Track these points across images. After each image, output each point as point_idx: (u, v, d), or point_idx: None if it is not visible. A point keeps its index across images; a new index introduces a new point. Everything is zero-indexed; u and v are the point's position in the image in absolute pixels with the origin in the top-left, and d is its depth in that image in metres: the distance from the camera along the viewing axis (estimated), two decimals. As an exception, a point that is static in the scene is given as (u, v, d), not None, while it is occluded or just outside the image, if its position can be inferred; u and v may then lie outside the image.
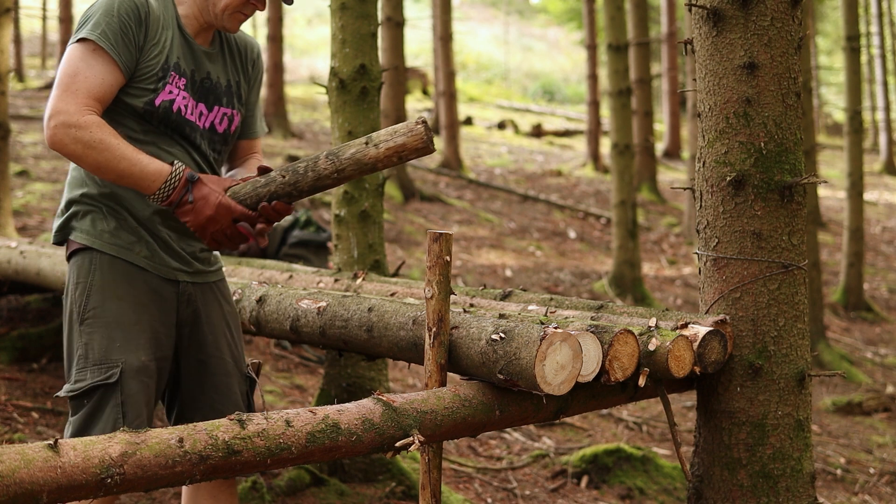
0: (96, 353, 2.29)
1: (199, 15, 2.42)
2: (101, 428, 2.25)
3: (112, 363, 2.28)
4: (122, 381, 2.27)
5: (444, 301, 2.26)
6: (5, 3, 6.03)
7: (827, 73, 24.65)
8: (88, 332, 2.31)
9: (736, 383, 2.56)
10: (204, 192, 2.28)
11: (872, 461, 5.25)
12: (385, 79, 8.36)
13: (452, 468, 4.27)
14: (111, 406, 2.26)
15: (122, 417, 2.26)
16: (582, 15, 18.50)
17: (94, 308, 2.32)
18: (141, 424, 2.28)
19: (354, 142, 2.30)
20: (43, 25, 20.17)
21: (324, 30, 29.17)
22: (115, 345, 2.29)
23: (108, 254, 2.34)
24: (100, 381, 2.27)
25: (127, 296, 2.33)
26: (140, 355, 2.30)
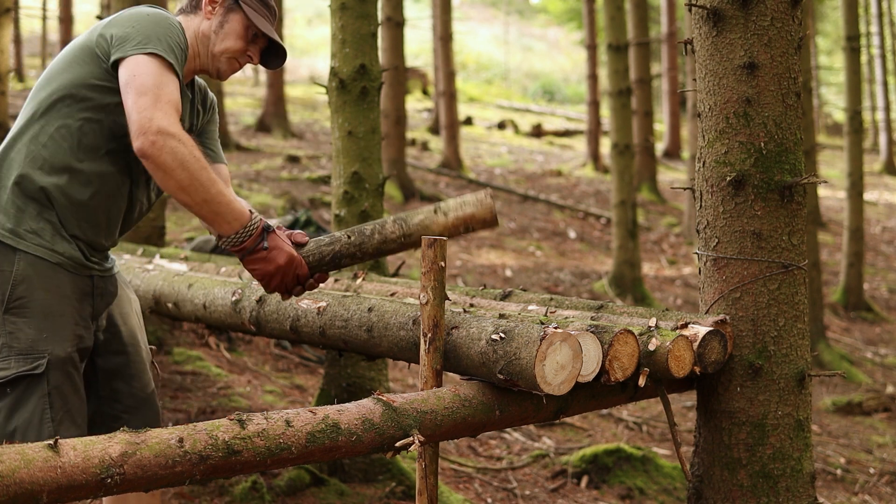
0: (22, 343, 2.27)
1: (192, 57, 2.46)
2: (27, 418, 2.25)
3: (38, 354, 2.27)
4: (48, 372, 2.27)
5: (440, 307, 2.27)
6: (5, 3, 6.03)
7: (827, 73, 24.65)
8: (13, 322, 2.28)
9: (736, 383, 2.56)
10: (279, 244, 2.32)
11: (872, 461, 5.25)
12: (385, 79, 8.36)
13: (452, 468, 4.27)
14: (37, 396, 2.26)
15: (48, 408, 2.26)
16: (582, 15, 18.51)
17: (20, 298, 2.29)
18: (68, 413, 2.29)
19: (422, 209, 2.34)
20: (43, 25, 20.17)
21: (324, 30, 29.17)
22: (43, 336, 2.28)
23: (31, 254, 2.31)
24: (25, 371, 2.26)
25: (52, 287, 2.32)
26: (66, 346, 2.31)
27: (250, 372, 5.20)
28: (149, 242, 4.59)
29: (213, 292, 3.11)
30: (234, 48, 2.45)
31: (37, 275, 2.30)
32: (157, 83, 2.21)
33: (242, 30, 2.46)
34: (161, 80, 2.22)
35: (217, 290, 3.10)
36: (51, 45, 20.28)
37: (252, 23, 2.45)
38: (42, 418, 2.26)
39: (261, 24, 2.46)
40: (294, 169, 11.55)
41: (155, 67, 2.23)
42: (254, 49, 2.50)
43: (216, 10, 2.46)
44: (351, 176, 3.75)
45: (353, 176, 3.75)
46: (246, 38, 2.47)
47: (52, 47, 19.85)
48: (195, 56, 2.46)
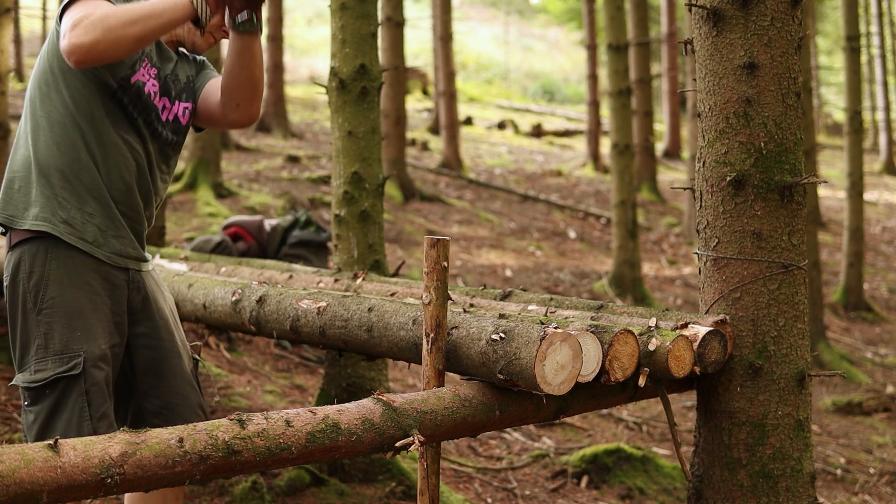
0: (57, 344, 2.28)
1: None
2: (67, 418, 2.26)
3: (74, 353, 2.28)
4: (85, 371, 2.27)
5: (442, 307, 2.27)
6: (5, 3, 6.02)
7: (827, 73, 24.65)
8: (47, 322, 2.29)
9: (736, 383, 2.56)
10: None
11: (872, 461, 5.25)
12: (385, 79, 8.36)
13: (452, 468, 4.27)
14: (75, 396, 2.27)
15: (87, 406, 2.27)
16: (582, 15, 18.51)
17: (52, 298, 2.30)
18: (107, 411, 2.30)
19: None
20: (43, 25, 20.16)
21: (324, 30, 29.17)
22: (76, 334, 2.29)
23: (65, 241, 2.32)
24: (62, 372, 2.27)
25: (83, 285, 2.32)
26: (100, 343, 2.31)
27: (250, 372, 5.20)
28: (149, 242, 4.58)
29: (213, 292, 3.11)
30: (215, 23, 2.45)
31: (67, 272, 2.31)
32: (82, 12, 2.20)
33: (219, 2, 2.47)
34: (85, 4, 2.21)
35: (217, 290, 3.10)
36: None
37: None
38: (81, 417, 2.26)
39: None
40: (294, 169, 11.55)
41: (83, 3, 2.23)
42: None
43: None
44: (351, 176, 3.75)
45: (353, 176, 3.75)
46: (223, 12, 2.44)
47: (52, 47, 19.81)
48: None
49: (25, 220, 2.33)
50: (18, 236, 2.34)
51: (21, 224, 2.33)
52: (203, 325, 5.07)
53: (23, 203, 2.35)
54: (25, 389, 2.31)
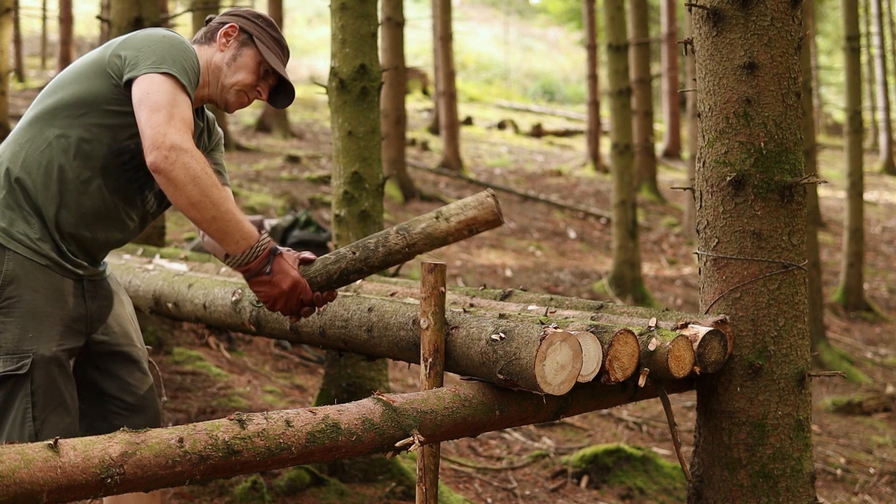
0: (9, 343, 2.30)
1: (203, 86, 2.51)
2: (13, 417, 2.29)
3: (23, 353, 2.30)
4: (32, 372, 2.29)
5: (440, 332, 2.27)
6: (5, 3, 6.03)
7: (827, 73, 24.65)
8: (1, 322, 2.31)
9: (736, 383, 2.56)
10: (284, 268, 2.34)
11: (872, 461, 5.25)
12: (385, 79, 8.36)
13: (452, 468, 4.27)
14: (21, 395, 2.29)
15: (31, 407, 2.29)
16: (582, 15, 18.51)
17: (8, 298, 2.32)
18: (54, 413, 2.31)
19: (424, 216, 2.33)
20: (43, 25, 20.18)
21: (324, 30, 29.17)
22: (28, 335, 2.31)
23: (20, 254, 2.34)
24: (10, 370, 2.29)
25: (41, 288, 2.34)
26: (52, 346, 2.33)
27: (250, 372, 5.20)
28: (149, 242, 4.59)
29: (213, 292, 3.11)
30: (244, 82, 2.50)
31: (25, 275, 2.32)
32: (170, 101, 2.23)
33: (254, 65, 2.50)
34: (175, 98, 2.25)
35: (217, 290, 3.10)
36: (51, 45, 20.29)
37: (264, 59, 2.50)
38: (24, 418, 2.29)
39: (273, 61, 2.51)
40: (294, 169, 11.55)
41: (169, 86, 2.26)
42: (263, 85, 2.54)
43: (230, 43, 2.51)
44: (351, 176, 3.75)
45: (353, 176, 3.75)
46: (257, 73, 2.51)
47: (52, 47, 19.85)
48: (205, 85, 2.51)
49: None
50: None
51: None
52: (203, 325, 5.08)
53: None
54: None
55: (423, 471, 2.31)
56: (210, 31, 2.55)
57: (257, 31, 2.52)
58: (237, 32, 2.51)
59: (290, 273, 2.34)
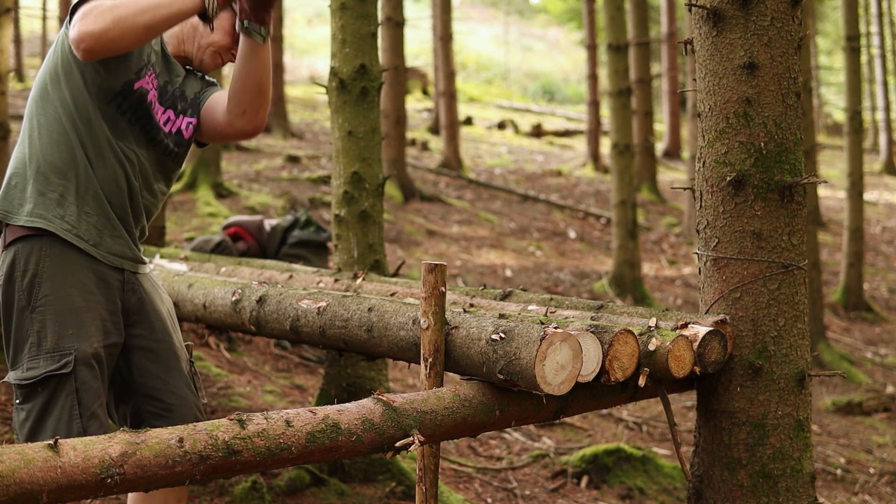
0: (49, 342, 2.29)
1: (180, 43, 2.54)
2: (58, 416, 2.26)
3: (65, 351, 2.28)
4: (75, 370, 2.28)
5: (440, 332, 2.27)
6: (5, 3, 6.02)
7: (827, 73, 24.65)
8: (40, 320, 2.30)
9: (736, 383, 2.56)
10: None
11: (872, 461, 5.25)
12: (385, 79, 8.36)
13: (452, 468, 4.27)
14: (65, 394, 2.27)
15: (77, 405, 2.27)
16: (582, 15, 18.51)
17: (45, 296, 2.30)
18: (97, 411, 2.30)
19: None
20: (43, 25, 20.16)
21: (324, 30, 29.16)
22: (68, 332, 2.29)
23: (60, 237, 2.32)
24: (54, 370, 2.27)
25: (77, 283, 2.33)
26: (92, 342, 2.31)
27: (250, 372, 5.20)
28: (149, 242, 4.59)
29: (213, 292, 3.11)
30: (220, 43, 2.50)
31: (61, 270, 2.31)
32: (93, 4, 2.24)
33: (230, 27, 2.49)
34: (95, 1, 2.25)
35: (217, 290, 3.10)
36: (50, 45, 20.28)
37: None
38: (71, 416, 2.26)
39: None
40: (294, 169, 11.55)
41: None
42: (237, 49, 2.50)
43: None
44: (351, 176, 3.75)
45: (353, 176, 3.75)
46: (233, 35, 2.50)
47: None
48: (182, 41, 2.53)
49: (20, 216, 2.33)
50: (13, 234, 2.34)
51: (16, 220, 2.33)
52: (203, 325, 5.08)
53: (18, 200, 2.35)
54: (18, 387, 2.30)
55: (423, 471, 2.31)
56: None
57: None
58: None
59: None
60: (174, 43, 2.55)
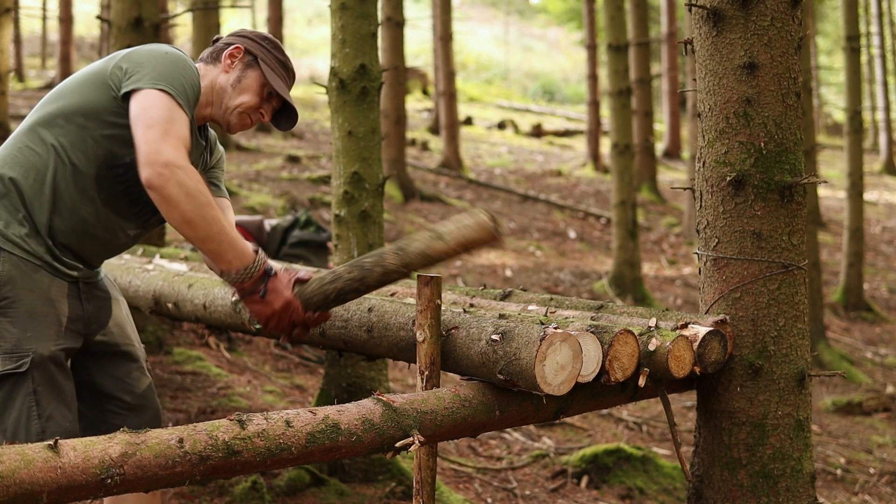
0: (8, 343, 2.32)
1: (206, 105, 2.50)
2: (16, 417, 2.30)
3: (23, 352, 2.31)
4: (32, 371, 2.31)
5: (436, 344, 2.27)
6: (5, 3, 6.02)
7: (827, 73, 24.65)
8: (0, 322, 2.33)
9: (736, 383, 2.56)
10: (278, 288, 2.35)
11: (872, 461, 5.25)
12: (385, 79, 8.35)
13: (452, 468, 4.27)
14: (23, 395, 2.31)
15: (35, 405, 2.30)
16: (582, 15, 18.51)
17: (6, 298, 2.33)
18: (53, 412, 2.32)
19: (421, 236, 2.29)
20: (43, 25, 20.18)
21: (324, 30, 29.16)
22: (27, 335, 2.33)
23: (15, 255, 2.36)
24: (10, 369, 2.30)
25: (37, 289, 2.36)
26: (49, 345, 2.34)
27: (250, 372, 5.20)
28: (149, 242, 4.59)
29: (213, 292, 3.11)
30: (248, 104, 2.48)
31: (20, 276, 2.34)
32: (166, 117, 2.24)
33: (258, 87, 2.50)
34: (171, 115, 2.25)
35: (217, 290, 3.10)
36: (51, 45, 20.29)
37: (268, 82, 2.49)
38: (29, 416, 2.30)
39: (276, 84, 2.50)
40: (294, 169, 11.55)
41: (166, 103, 2.27)
42: (267, 107, 2.54)
43: (235, 64, 2.50)
44: (351, 176, 3.75)
45: (353, 176, 3.75)
46: (261, 95, 2.51)
47: (51, 47, 19.85)
48: (208, 104, 2.50)
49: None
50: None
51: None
52: (203, 325, 5.07)
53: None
54: None
55: (421, 483, 2.30)
56: (216, 52, 2.54)
57: (262, 53, 2.52)
58: (242, 54, 2.51)
59: (283, 294, 2.34)
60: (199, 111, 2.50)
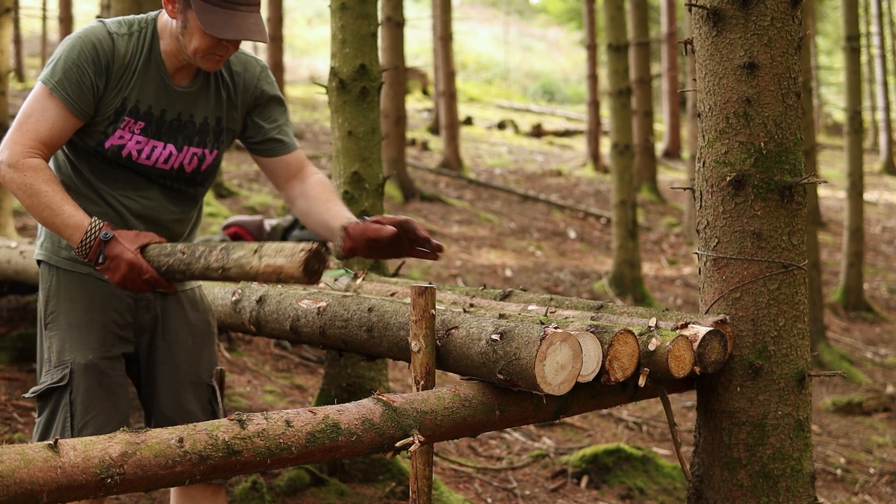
0: (53, 356, 2.36)
1: (178, 53, 2.37)
2: (57, 429, 2.32)
3: (64, 364, 2.34)
4: (71, 381, 2.33)
5: (431, 355, 2.27)
6: (5, 3, 6.02)
7: (827, 73, 24.64)
8: (49, 336, 2.39)
9: (736, 383, 2.56)
10: (116, 251, 2.27)
11: (872, 461, 5.25)
12: (385, 79, 8.35)
13: (452, 468, 4.27)
14: (63, 406, 2.33)
15: (69, 417, 2.32)
16: (582, 15, 18.50)
17: (52, 312, 2.40)
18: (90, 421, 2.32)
19: (248, 245, 2.20)
20: (43, 25, 20.15)
21: (324, 30, 29.15)
22: (66, 345, 2.35)
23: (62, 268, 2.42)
24: (54, 383, 2.34)
25: (78, 297, 2.39)
26: (87, 354, 2.35)
27: (250, 372, 5.20)
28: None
29: (213, 292, 3.11)
30: (202, 47, 2.30)
31: (65, 287, 2.39)
32: (28, 112, 2.31)
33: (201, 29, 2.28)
34: (34, 107, 2.30)
35: (217, 290, 3.10)
36: (51, 45, 20.27)
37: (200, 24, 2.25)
38: (64, 427, 2.32)
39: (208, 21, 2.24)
40: (294, 169, 11.53)
41: (37, 95, 2.32)
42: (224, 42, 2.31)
43: (175, 8, 2.31)
44: (351, 176, 3.75)
45: (353, 176, 3.75)
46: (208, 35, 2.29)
47: (51, 47, 19.84)
48: (178, 52, 2.37)
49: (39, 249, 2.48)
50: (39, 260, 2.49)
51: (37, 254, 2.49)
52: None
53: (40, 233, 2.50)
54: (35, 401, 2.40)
55: (417, 493, 2.30)
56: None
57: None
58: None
59: (123, 256, 2.26)
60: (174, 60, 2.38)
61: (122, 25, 2.37)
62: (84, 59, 2.29)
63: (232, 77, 2.49)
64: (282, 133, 2.54)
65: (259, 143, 2.53)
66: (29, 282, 4.23)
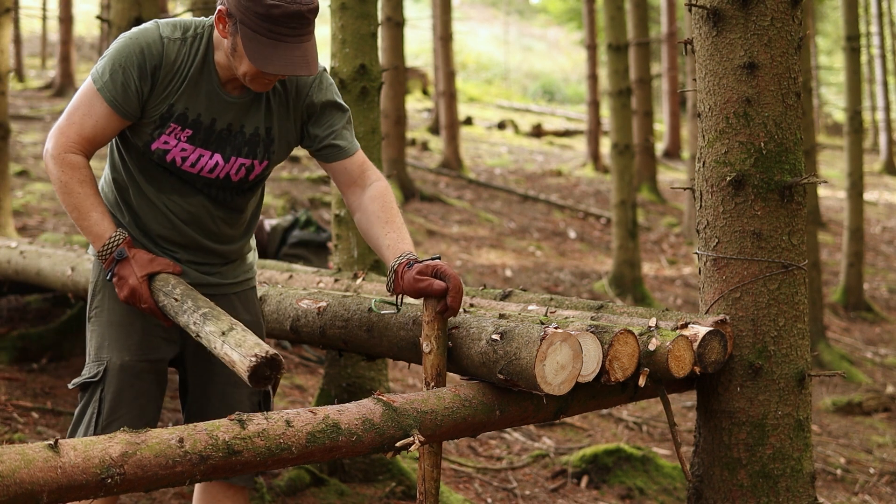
0: (93, 351, 2.40)
1: (229, 67, 2.31)
2: (87, 422, 2.36)
3: (100, 361, 2.38)
4: (104, 379, 2.36)
5: (443, 356, 2.27)
6: (5, 3, 6.02)
7: (827, 73, 24.64)
8: (91, 329, 2.43)
9: (736, 383, 2.56)
10: (124, 273, 2.31)
11: (872, 461, 5.25)
12: (385, 79, 8.35)
13: (452, 468, 4.27)
14: (93, 401, 2.36)
15: (96, 414, 2.34)
16: (582, 15, 18.51)
17: (96, 307, 2.44)
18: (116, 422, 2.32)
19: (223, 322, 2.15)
20: (43, 25, 20.17)
21: (324, 30, 29.11)
22: (105, 343, 2.38)
23: None
24: (89, 377, 2.37)
25: None
26: (124, 355, 2.37)
27: (250, 372, 5.19)
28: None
29: (213, 292, 3.11)
30: (250, 73, 2.25)
31: (109, 283, 2.40)
32: (77, 105, 2.32)
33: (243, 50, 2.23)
34: (81, 101, 2.32)
35: (217, 290, 3.10)
36: (51, 45, 20.28)
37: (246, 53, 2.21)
38: (89, 423, 2.35)
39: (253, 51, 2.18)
40: (294, 169, 11.55)
41: (82, 92, 2.34)
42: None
43: (226, 29, 2.25)
44: (351, 176, 3.75)
45: (353, 176, 3.75)
46: None
47: (51, 47, 19.85)
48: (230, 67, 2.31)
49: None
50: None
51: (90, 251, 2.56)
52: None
53: None
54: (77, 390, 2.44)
55: (424, 494, 2.29)
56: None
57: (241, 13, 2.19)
58: (226, 17, 2.23)
59: (129, 281, 2.30)
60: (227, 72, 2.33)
61: (177, 29, 2.32)
62: (130, 63, 2.27)
63: (284, 86, 2.43)
64: (339, 137, 2.48)
65: (317, 150, 2.49)
66: (29, 282, 4.23)
